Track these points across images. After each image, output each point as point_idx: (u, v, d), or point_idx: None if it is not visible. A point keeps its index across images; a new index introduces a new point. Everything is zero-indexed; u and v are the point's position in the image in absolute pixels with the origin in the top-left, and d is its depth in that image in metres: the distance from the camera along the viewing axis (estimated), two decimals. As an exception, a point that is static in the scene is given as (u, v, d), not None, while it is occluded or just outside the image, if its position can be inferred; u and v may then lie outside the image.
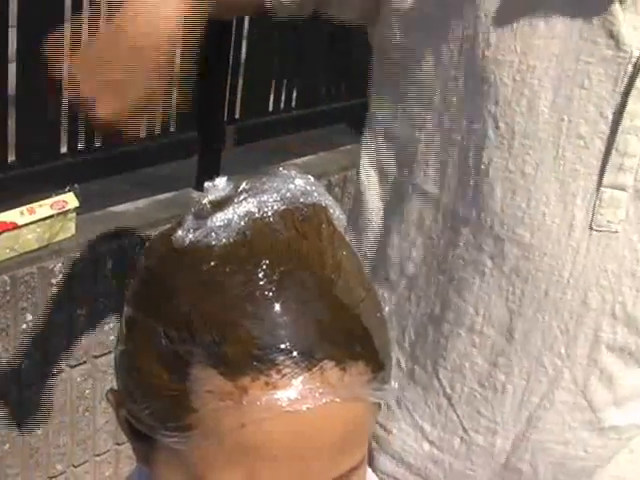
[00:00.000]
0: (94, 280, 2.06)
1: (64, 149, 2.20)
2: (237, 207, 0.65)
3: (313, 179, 0.69)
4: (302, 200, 0.66)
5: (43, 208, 1.96)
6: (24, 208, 1.93)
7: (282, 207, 0.65)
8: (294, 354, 0.60)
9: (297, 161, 2.70)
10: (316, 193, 0.68)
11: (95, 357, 2.13)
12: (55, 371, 2.06)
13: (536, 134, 0.90)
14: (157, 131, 2.41)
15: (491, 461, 1.05)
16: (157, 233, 0.70)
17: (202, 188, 0.68)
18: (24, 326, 1.96)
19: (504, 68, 0.90)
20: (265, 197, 0.66)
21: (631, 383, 1.01)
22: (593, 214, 0.92)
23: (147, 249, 0.69)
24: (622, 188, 0.91)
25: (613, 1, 0.85)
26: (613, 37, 0.86)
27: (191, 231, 0.65)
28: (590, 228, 0.92)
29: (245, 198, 0.66)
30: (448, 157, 0.97)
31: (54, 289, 1.99)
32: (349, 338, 0.63)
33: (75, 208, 2.01)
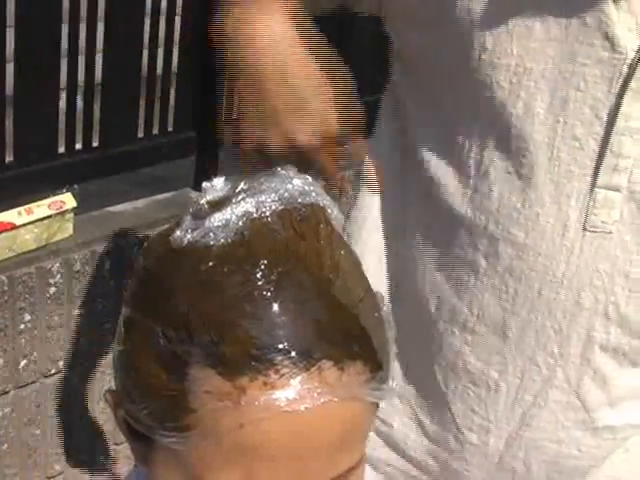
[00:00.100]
0: (92, 280, 2.06)
1: (62, 149, 2.20)
2: (235, 207, 0.65)
3: (311, 179, 0.69)
4: (300, 200, 0.66)
5: (41, 208, 1.96)
6: (22, 208, 1.93)
7: (280, 207, 0.65)
8: (292, 354, 0.60)
9: (295, 161, 2.70)
10: (314, 193, 0.68)
11: (93, 357, 2.13)
12: (53, 371, 2.06)
13: (532, 136, 0.91)
14: (155, 131, 2.41)
15: (485, 461, 1.05)
16: (155, 233, 0.70)
17: (200, 188, 0.68)
18: (22, 326, 1.96)
19: (500, 71, 0.90)
20: (263, 197, 0.66)
21: (625, 384, 1.01)
22: (587, 215, 0.92)
23: (145, 249, 0.69)
24: (616, 189, 0.91)
25: (607, 3, 0.85)
26: (608, 39, 0.86)
27: (189, 231, 0.65)
28: (584, 229, 0.92)
29: (243, 198, 0.66)
30: (448, 158, 0.97)
31: (52, 289, 1.99)
32: (347, 338, 0.63)
33: (73, 208, 2.01)
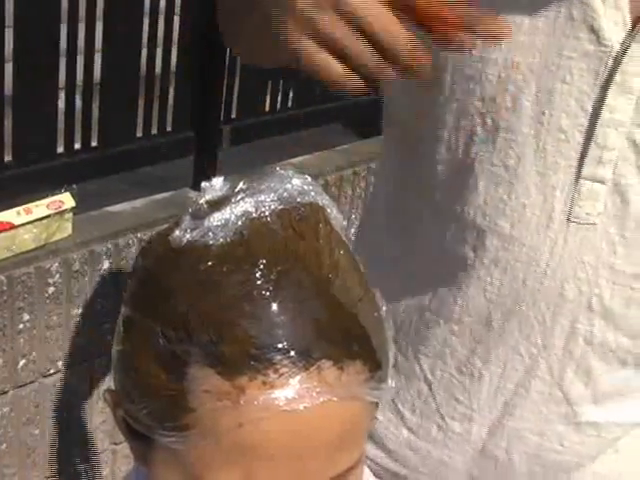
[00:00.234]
0: (91, 280, 2.06)
1: (61, 149, 2.20)
2: (234, 207, 0.65)
3: (310, 179, 0.69)
4: (299, 200, 0.67)
5: (40, 208, 1.95)
6: (21, 208, 1.93)
7: (279, 207, 0.65)
8: (291, 353, 0.61)
9: (293, 161, 2.70)
10: (313, 193, 0.68)
11: (92, 357, 2.13)
12: (52, 371, 2.06)
13: (519, 128, 0.91)
14: (154, 131, 2.41)
15: (468, 448, 1.05)
16: (154, 233, 0.70)
17: (199, 188, 0.68)
18: (21, 326, 1.96)
19: (489, 65, 0.91)
20: (262, 197, 0.66)
21: (613, 382, 1.01)
22: (571, 206, 0.93)
23: (144, 249, 0.69)
24: (601, 181, 0.92)
25: None
26: (594, 32, 0.87)
27: (188, 231, 0.65)
28: (568, 220, 0.93)
29: (242, 198, 0.66)
30: (436, 154, 0.98)
31: (51, 289, 1.99)
32: (346, 337, 0.63)
33: (72, 208, 2.01)
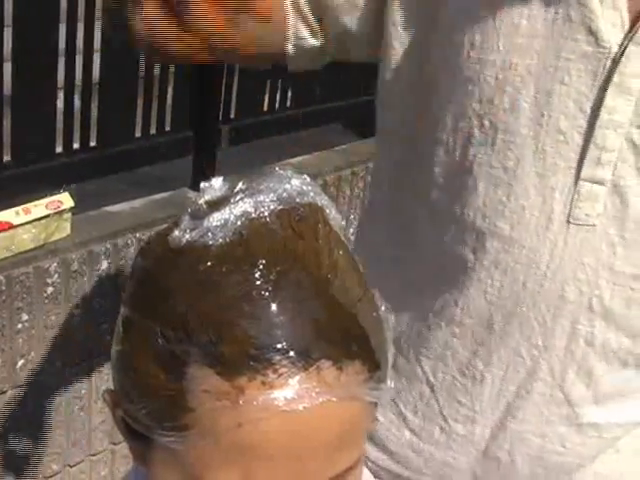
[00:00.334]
0: (89, 280, 2.06)
1: (59, 149, 2.20)
2: (233, 207, 0.65)
3: (309, 179, 0.69)
4: (298, 200, 0.67)
5: (38, 208, 1.95)
6: (19, 208, 1.93)
7: (278, 207, 0.65)
8: (291, 354, 0.61)
9: (292, 161, 2.70)
10: (312, 193, 0.68)
11: (91, 357, 2.13)
12: (51, 371, 2.06)
13: (517, 130, 0.91)
14: (152, 131, 2.41)
15: (471, 449, 1.05)
16: (153, 233, 0.70)
17: (198, 188, 0.68)
18: (20, 326, 1.96)
19: (487, 67, 0.91)
20: (261, 197, 0.66)
21: (614, 382, 1.01)
22: (571, 208, 0.93)
23: (143, 249, 0.69)
24: (600, 182, 0.92)
25: None
26: (592, 33, 0.87)
27: (187, 231, 0.65)
28: (568, 221, 0.93)
29: (241, 198, 0.66)
30: (434, 156, 0.98)
31: (50, 289, 1.99)
32: (346, 337, 0.63)
33: (70, 208, 2.01)
